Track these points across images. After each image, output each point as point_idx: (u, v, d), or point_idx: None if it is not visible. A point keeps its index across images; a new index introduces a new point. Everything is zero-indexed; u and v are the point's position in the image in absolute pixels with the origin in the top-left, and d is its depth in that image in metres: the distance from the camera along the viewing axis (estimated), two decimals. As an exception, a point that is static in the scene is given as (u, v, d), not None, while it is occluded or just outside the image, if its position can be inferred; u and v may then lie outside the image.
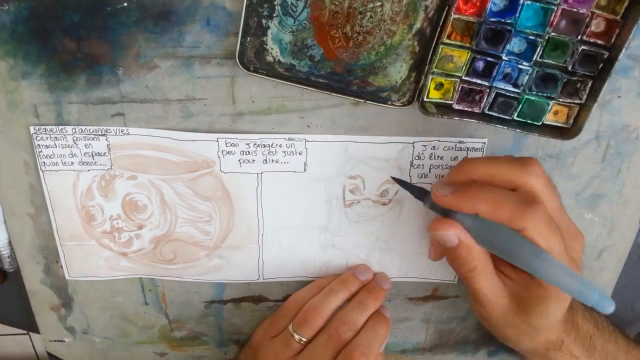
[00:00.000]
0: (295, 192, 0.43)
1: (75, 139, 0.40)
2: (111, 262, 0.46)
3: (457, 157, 0.42)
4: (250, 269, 0.47)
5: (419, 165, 0.42)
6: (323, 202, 0.44)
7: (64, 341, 0.51)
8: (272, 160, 0.42)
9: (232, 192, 0.43)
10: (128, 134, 0.40)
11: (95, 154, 0.41)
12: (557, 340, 0.41)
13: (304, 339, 0.42)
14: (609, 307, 0.30)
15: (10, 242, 0.45)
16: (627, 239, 0.47)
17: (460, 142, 0.41)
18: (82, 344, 0.51)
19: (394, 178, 0.41)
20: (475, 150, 0.41)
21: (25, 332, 0.56)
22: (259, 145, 0.41)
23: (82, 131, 0.40)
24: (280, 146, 0.41)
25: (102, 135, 0.40)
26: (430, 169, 0.42)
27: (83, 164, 0.41)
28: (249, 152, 0.41)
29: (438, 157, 0.42)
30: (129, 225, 0.44)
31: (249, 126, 0.40)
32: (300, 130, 0.40)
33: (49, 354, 0.52)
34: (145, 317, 0.50)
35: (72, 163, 0.41)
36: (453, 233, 0.35)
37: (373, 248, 0.46)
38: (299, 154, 0.41)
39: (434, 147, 0.41)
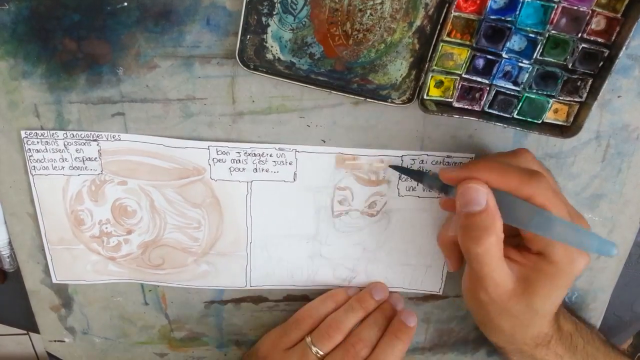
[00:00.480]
0: (285, 201, 0.43)
1: (66, 143, 0.40)
2: (99, 266, 0.46)
3: None
4: (238, 276, 0.47)
5: (408, 178, 0.42)
6: (312, 212, 0.44)
7: (64, 341, 0.51)
8: (263, 170, 0.42)
9: (221, 200, 0.43)
10: (119, 140, 0.40)
11: (86, 159, 0.41)
12: (547, 336, 0.40)
13: (321, 352, 0.43)
14: (612, 250, 0.31)
15: (10, 242, 0.45)
16: (627, 239, 0.47)
17: (448, 156, 0.41)
18: (82, 344, 0.51)
19: (391, 166, 0.42)
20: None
21: (25, 332, 0.56)
22: (249, 154, 0.41)
23: (73, 136, 0.40)
24: (270, 155, 0.41)
25: (94, 140, 0.40)
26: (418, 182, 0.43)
27: (73, 168, 0.41)
28: (239, 160, 0.41)
29: (426, 170, 0.42)
30: (118, 230, 0.44)
31: (249, 126, 0.40)
32: (300, 130, 0.40)
33: (49, 354, 0.51)
34: (145, 318, 0.49)
35: (63, 167, 0.41)
36: (484, 191, 0.34)
37: (360, 258, 0.46)
38: (289, 164, 0.41)
39: (422, 160, 0.42)
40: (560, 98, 0.37)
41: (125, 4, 0.35)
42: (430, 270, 0.47)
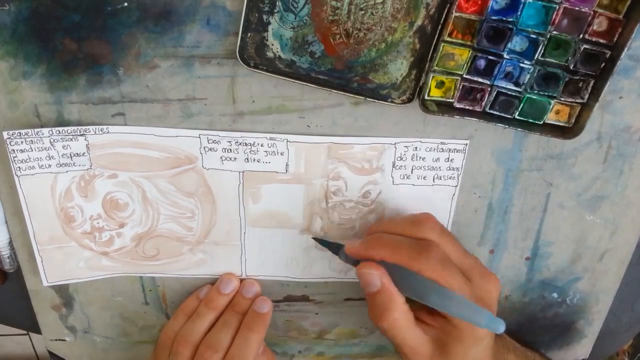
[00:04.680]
0: (277, 192, 0.43)
1: (52, 140, 0.39)
2: (92, 262, 0.45)
3: (438, 158, 0.42)
4: (233, 265, 0.46)
5: (401, 166, 0.42)
6: (305, 203, 0.44)
7: (65, 340, 0.51)
8: (254, 160, 0.41)
9: (214, 189, 0.43)
10: (108, 133, 0.40)
11: (74, 155, 0.40)
12: None
13: None
14: (500, 327, 0.33)
15: (10, 242, 0.45)
16: (629, 242, 0.46)
17: (442, 143, 0.41)
18: (83, 343, 0.51)
19: (314, 238, 0.44)
20: (457, 152, 0.41)
21: (25, 332, 0.56)
22: (240, 144, 0.41)
23: (59, 132, 0.39)
24: (262, 145, 0.41)
25: (81, 135, 0.39)
26: (412, 169, 0.42)
27: (61, 165, 0.41)
28: (230, 149, 0.41)
29: (420, 158, 0.42)
30: (110, 224, 0.44)
31: (249, 126, 0.40)
32: (300, 130, 0.40)
33: (50, 353, 0.52)
34: (145, 317, 0.50)
35: (50, 165, 0.40)
36: (377, 274, 0.37)
37: None
38: (281, 154, 0.41)
39: (416, 148, 0.41)
40: (562, 99, 0.37)
41: (126, 4, 0.35)
42: None
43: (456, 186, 0.43)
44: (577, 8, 0.33)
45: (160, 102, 0.39)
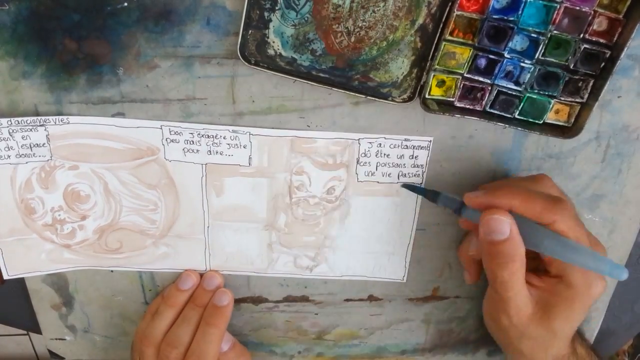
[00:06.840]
0: (240, 186, 0.43)
1: (10, 131, 0.38)
2: (54, 255, 0.45)
3: (403, 154, 0.41)
4: (198, 260, 0.46)
5: (365, 162, 0.42)
6: (268, 198, 0.43)
7: (65, 339, 0.51)
8: (217, 152, 0.41)
9: (177, 181, 0.42)
10: (68, 123, 0.39)
11: (34, 146, 0.39)
12: (564, 357, 0.40)
13: None
14: (623, 274, 0.33)
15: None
16: (627, 240, 0.46)
17: (406, 139, 0.41)
18: (83, 343, 0.51)
19: (404, 185, 0.42)
20: (420, 149, 0.41)
21: (25, 332, 0.56)
22: (203, 136, 0.40)
23: (18, 123, 0.38)
24: (224, 138, 0.40)
25: (41, 125, 0.39)
26: (377, 166, 0.42)
27: (20, 156, 0.40)
28: (193, 141, 0.40)
29: (384, 154, 0.41)
30: (72, 217, 0.43)
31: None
32: (300, 130, 0.40)
33: (50, 352, 0.52)
34: (145, 317, 0.50)
35: (9, 156, 0.40)
36: (507, 221, 0.34)
37: (321, 246, 0.46)
38: (244, 147, 0.41)
39: (380, 144, 0.41)
40: (562, 98, 0.37)
41: (126, 4, 0.35)
42: (394, 258, 0.46)
43: (421, 184, 0.43)
44: (577, 8, 0.33)
45: (160, 102, 0.39)
